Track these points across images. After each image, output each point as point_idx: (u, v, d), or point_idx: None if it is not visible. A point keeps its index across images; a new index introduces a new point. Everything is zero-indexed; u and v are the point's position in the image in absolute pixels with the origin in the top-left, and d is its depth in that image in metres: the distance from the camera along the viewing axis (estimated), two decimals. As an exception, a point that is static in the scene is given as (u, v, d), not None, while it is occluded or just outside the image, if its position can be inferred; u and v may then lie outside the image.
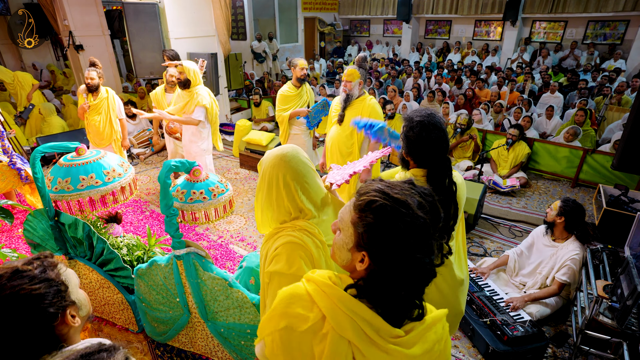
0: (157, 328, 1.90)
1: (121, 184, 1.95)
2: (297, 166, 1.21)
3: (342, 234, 0.81)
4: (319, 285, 0.80)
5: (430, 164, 1.48)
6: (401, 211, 0.71)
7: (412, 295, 0.76)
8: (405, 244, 0.71)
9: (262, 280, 1.28)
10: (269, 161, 1.22)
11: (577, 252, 2.50)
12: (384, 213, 0.71)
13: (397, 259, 0.71)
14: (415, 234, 0.71)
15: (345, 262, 0.81)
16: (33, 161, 1.72)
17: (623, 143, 2.74)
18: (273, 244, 1.22)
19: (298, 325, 0.78)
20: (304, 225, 1.21)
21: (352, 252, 0.79)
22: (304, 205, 1.22)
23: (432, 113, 1.50)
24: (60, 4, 6.49)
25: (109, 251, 1.86)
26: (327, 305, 0.77)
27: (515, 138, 4.36)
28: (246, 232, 3.68)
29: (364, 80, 2.89)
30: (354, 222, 0.77)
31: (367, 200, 0.74)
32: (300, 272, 1.16)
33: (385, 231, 0.71)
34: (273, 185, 1.20)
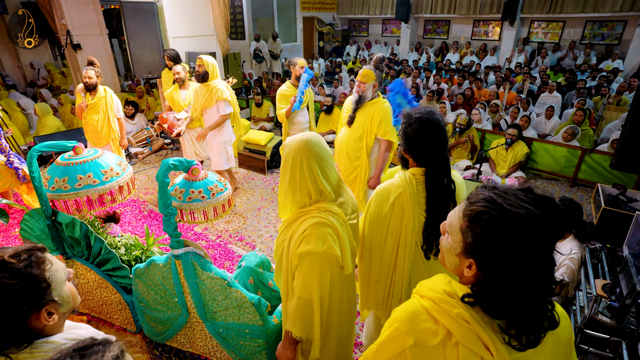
0: (156, 328, 1.89)
1: (119, 183, 1.94)
2: (319, 151, 1.29)
3: (451, 238, 0.80)
4: (435, 301, 0.78)
5: (428, 162, 1.48)
6: (513, 225, 0.68)
7: (533, 306, 0.72)
8: (516, 257, 0.68)
9: (287, 265, 1.33)
10: (294, 145, 1.29)
11: (576, 252, 2.50)
12: (493, 226, 0.69)
13: (507, 270, 0.69)
14: (527, 247, 0.68)
15: (453, 266, 0.81)
16: (30, 160, 1.71)
17: (621, 143, 2.75)
18: (299, 227, 1.29)
19: (428, 340, 0.75)
20: (327, 206, 1.29)
21: (460, 258, 0.79)
22: (325, 187, 1.30)
23: (431, 110, 1.50)
24: (58, 3, 6.45)
25: (106, 251, 1.85)
26: (449, 322, 0.74)
27: (515, 138, 4.37)
28: (245, 232, 3.67)
29: (379, 82, 2.75)
30: (462, 229, 0.76)
31: (477, 211, 0.72)
32: (331, 250, 1.24)
33: (495, 244, 0.69)
34: (297, 167, 1.27)
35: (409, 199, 1.48)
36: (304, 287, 1.25)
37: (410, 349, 0.76)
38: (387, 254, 1.54)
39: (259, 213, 4.01)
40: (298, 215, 1.31)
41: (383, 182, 1.64)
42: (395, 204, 1.51)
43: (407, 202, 1.49)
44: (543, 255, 0.69)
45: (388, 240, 1.54)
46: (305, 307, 1.27)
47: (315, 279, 1.24)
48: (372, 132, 2.80)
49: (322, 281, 1.25)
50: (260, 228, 3.73)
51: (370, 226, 1.57)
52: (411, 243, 1.50)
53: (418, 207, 1.49)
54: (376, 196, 1.57)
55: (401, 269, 1.53)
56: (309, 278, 1.24)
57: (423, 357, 0.76)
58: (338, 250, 1.26)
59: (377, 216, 1.55)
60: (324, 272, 1.24)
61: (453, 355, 0.74)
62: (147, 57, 5.05)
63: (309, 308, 1.26)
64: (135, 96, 7.41)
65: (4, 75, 8.22)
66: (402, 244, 1.51)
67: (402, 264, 1.52)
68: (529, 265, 0.69)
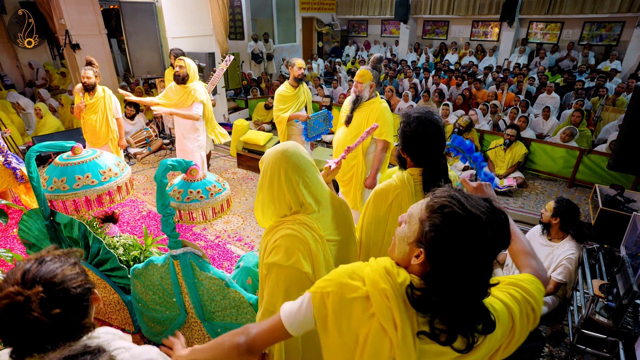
0: (154, 328, 1.89)
1: (117, 184, 1.94)
2: (298, 161, 1.23)
3: (407, 226, 0.84)
4: (372, 270, 0.83)
5: (426, 162, 1.48)
6: (469, 223, 0.73)
7: (469, 305, 0.76)
8: (464, 253, 0.73)
9: (260, 272, 1.30)
10: (271, 157, 1.24)
11: (573, 252, 2.51)
12: (452, 219, 0.74)
13: (453, 264, 0.74)
14: (476, 246, 0.73)
15: (402, 255, 0.85)
16: (28, 160, 1.71)
17: (618, 144, 2.76)
18: (273, 236, 1.24)
19: (346, 292, 0.82)
20: (304, 219, 1.23)
21: (411, 247, 0.82)
22: (305, 199, 1.24)
23: (430, 110, 1.51)
24: (57, 3, 6.44)
25: (105, 251, 1.85)
26: (373, 292, 0.80)
27: (513, 138, 4.38)
28: (243, 232, 3.68)
29: (376, 82, 2.77)
30: (421, 219, 0.80)
31: (440, 203, 0.77)
32: (298, 264, 1.18)
33: (449, 236, 0.74)
34: (275, 180, 1.22)
35: (407, 199, 1.49)
36: (270, 299, 1.22)
37: (331, 295, 0.83)
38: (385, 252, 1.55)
39: (257, 213, 4.02)
40: (276, 224, 1.26)
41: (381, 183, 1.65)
42: (394, 204, 1.51)
43: (405, 202, 1.49)
44: (486, 259, 0.75)
45: (386, 240, 1.55)
46: None
47: (280, 292, 1.19)
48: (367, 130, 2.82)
49: (288, 296, 1.18)
50: (259, 228, 3.73)
51: (369, 226, 1.58)
52: None
53: None
54: (374, 196, 1.58)
55: None
56: (275, 291, 1.21)
57: (340, 306, 0.82)
58: (307, 267, 1.19)
59: (375, 216, 1.56)
60: (291, 287, 1.19)
61: (367, 326, 0.80)
62: (146, 58, 5.05)
63: None
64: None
65: (2, 75, 8.20)
66: None
67: None
68: (473, 264, 0.74)
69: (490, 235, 0.73)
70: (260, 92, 7.55)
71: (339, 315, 0.82)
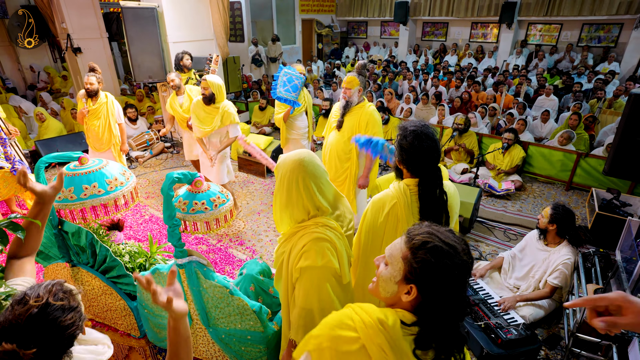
0: (159, 334, 1.94)
1: (123, 193, 1.99)
2: (314, 170, 1.33)
3: (391, 267, 0.91)
4: (366, 324, 0.85)
5: (422, 173, 1.53)
6: (450, 252, 0.83)
7: (456, 327, 0.85)
8: (452, 279, 0.82)
9: (287, 277, 1.40)
10: (288, 166, 1.32)
11: (569, 257, 2.56)
12: (436, 252, 0.83)
13: (444, 291, 0.82)
14: (459, 272, 0.83)
15: (390, 294, 0.91)
16: (37, 172, 1.75)
17: (613, 150, 2.80)
18: (298, 241, 1.34)
19: (343, 346, 0.84)
20: (325, 221, 1.34)
21: (400, 285, 0.88)
22: (322, 203, 1.35)
23: (425, 124, 1.56)
24: (58, 7, 6.49)
25: (111, 259, 1.90)
26: (370, 345, 0.83)
27: (511, 142, 4.43)
28: (245, 236, 3.72)
29: (363, 87, 2.92)
30: (405, 257, 0.87)
31: (422, 240, 0.85)
32: (330, 264, 1.30)
33: (437, 267, 0.82)
34: (293, 187, 1.31)
35: (403, 209, 1.54)
36: (305, 299, 1.32)
37: (328, 349, 0.85)
38: None
39: (258, 217, 4.07)
40: (297, 229, 1.36)
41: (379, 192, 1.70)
42: (390, 214, 1.57)
43: (401, 212, 1.54)
44: (465, 282, 0.85)
45: (384, 248, 1.60)
46: (307, 318, 1.32)
47: (315, 291, 1.30)
48: (360, 134, 2.89)
49: (321, 293, 1.31)
50: (260, 232, 3.78)
51: (367, 235, 1.63)
52: None
53: (412, 217, 1.55)
54: (372, 206, 1.63)
55: None
56: (310, 291, 1.31)
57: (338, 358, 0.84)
58: (336, 263, 1.32)
59: (372, 225, 1.61)
60: (323, 284, 1.31)
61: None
62: (148, 62, 5.09)
63: (310, 318, 1.32)
64: (135, 99, 7.47)
65: (4, 78, 8.25)
66: None
67: None
68: (459, 288, 0.84)
69: (466, 260, 0.84)
70: (261, 95, 7.60)
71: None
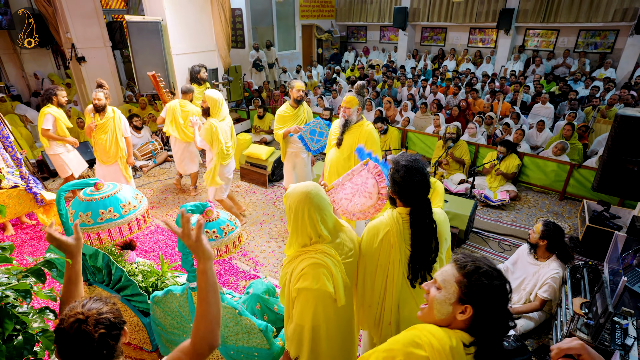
0: (170, 348, 2.07)
1: (136, 216, 2.12)
2: (319, 202, 1.51)
3: (444, 291, 1.06)
4: (437, 351, 1.00)
5: (412, 204, 1.67)
6: (498, 275, 1.01)
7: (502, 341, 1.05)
8: (501, 297, 1.00)
9: (288, 295, 1.58)
10: (296, 197, 1.50)
11: (558, 271, 2.69)
12: (488, 275, 1.00)
13: (495, 308, 0.99)
14: (505, 291, 1.01)
15: (444, 315, 1.05)
16: (58, 199, 1.88)
17: (601, 167, 2.93)
18: (299, 264, 1.52)
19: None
20: (324, 248, 1.52)
21: (454, 306, 1.03)
22: (323, 232, 1.52)
23: (416, 158, 1.69)
24: (63, 17, 6.61)
25: (126, 279, 2.03)
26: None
27: (504, 154, 4.56)
28: (248, 247, 3.85)
29: (362, 106, 3.06)
30: (459, 281, 1.03)
31: (474, 266, 1.02)
32: (324, 287, 1.47)
33: (489, 288, 0.99)
34: (299, 216, 1.50)
35: (396, 236, 1.67)
36: (300, 316, 1.51)
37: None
38: (378, 283, 1.73)
39: (261, 227, 4.19)
40: (299, 253, 1.54)
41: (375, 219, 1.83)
42: (384, 241, 1.70)
43: (394, 239, 1.68)
44: (508, 299, 1.02)
45: (378, 271, 1.73)
46: (300, 332, 1.53)
47: (310, 310, 1.48)
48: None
49: (315, 312, 1.49)
50: (263, 243, 3.91)
51: (363, 259, 1.77)
52: (398, 274, 1.69)
53: (404, 243, 1.68)
54: (367, 232, 1.76)
55: (390, 296, 1.72)
56: (305, 309, 1.49)
57: None
58: (331, 287, 1.48)
59: (368, 250, 1.74)
60: (318, 305, 1.49)
61: None
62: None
63: (302, 333, 1.53)
64: (138, 107, 7.59)
65: (8, 86, 8.36)
66: (391, 274, 1.70)
67: (391, 292, 1.71)
68: (504, 304, 1.01)
69: (507, 280, 1.03)
70: (262, 102, 7.72)
71: None
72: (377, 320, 1.80)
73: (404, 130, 5.84)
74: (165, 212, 4.56)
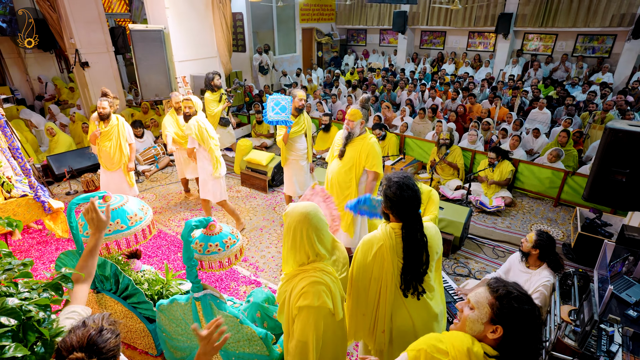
0: (175, 354, 2.17)
1: (142, 227, 2.22)
2: (317, 223, 1.58)
3: (477, 311, 1.16)
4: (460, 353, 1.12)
5: (404, 219, 1.76)
6: (528, 299, 1.12)
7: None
8: (530, 321, 1.09)
9: (288, 312, 1.66)
10: (296, 217, 1.58)
11: (549, 279, 2.78)
12: (519, 300, 1.10)
13: (524, 330, 1.08)
14: (535, 315, 1.10)
15: (476, 333, 1.16)
16: (69, 212, 1.98)
17: (591, 178, 3.01)
18: (298, 283, 1.60)
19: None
20: (322, 266, 1.60)
21: (486, 325, 1.13)
22: (320, 251, 1.61)
23: (408, 176, 1.79)
24: (67, 23, 6.72)
25: (133, 288, 2.13)
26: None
27: (495, 161, 4.65)
28: (248, 253, 3.95)
29: (365, 120, 3.09)
30: (491, 304, 1.13)
31: (505, 290, 1.12)
32: (325, 304, 1.55)
33: (520, 311, 1.09)
34: (297, 236, 1.57)
35: (389, 250, 1.77)
36: (302, 332, 1.57)
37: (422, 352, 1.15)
38: (372, 294, 1.83)
39: (261, 233, 4.29)
40: (297, 272, 1.61)
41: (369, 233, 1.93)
42: (377, 254, 1.80)
43: (387, 252, 1.77)
44: (540, 324, 1.13)
45: (372, 283, 1.83)
46: (302, 348, 1.59)
47: (311, 327, 1.55)
48: (361, 164, 3.11)
49: (316, 328, 1.55)
50: (263, 249, 4.01)
51: (357, 271, 1.87)
52: (391, 285, 1.79)
53: (397, 256, 1.77)
54: (362, 246, 1.86)
55: (383, 306, 1.82)
56: (306, 326, 1.56)
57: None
58: (330, 303, 1.56)
59: (362, 263, 1.84)
60: (319, 322, 1.55)
61: None
62: (154, 81, 5.32)
63: (305, 349, 1.58)
64: (140, 111, 7.70)
65: (13, 89, 8.47)
66: (384, 286, 1.80)
67: (384, 302, 1.81)
68: (535, 328, 1.10)
69: (537, 306, 1.13)
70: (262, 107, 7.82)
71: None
72: (371, 329, 1.90)
73: (402, 136, 5.93)
74: (167, 217, 4.66)
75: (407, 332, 1.87)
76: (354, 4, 12.04)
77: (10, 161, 3.07)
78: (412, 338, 1.89)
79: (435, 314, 1.92)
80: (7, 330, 0.97)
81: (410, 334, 1.87)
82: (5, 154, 3.01)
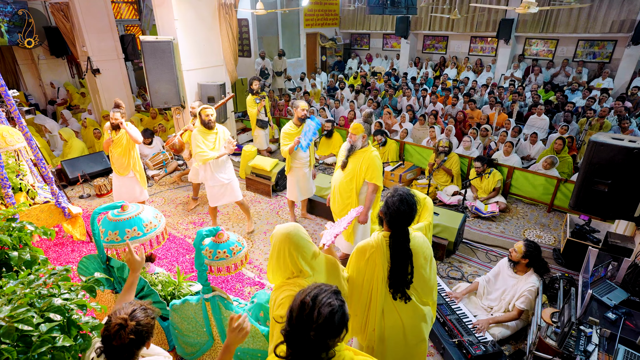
0: (186, 349, 2.39)
1: (157, 233, 2.44)
2: (298, 241, 1.73)
3: None
4: None
5: (394, 229, 1.96)
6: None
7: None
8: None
9: (271, 318, 1.79)
10: (279, 237, 1.74)
11: (534, 284, 2.97)
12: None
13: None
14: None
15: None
16: (92, 221, 2.20)
17: (577, 188, 3.18)
18: (280, 294, 1.75)
19: None
20: (302, 282, 1.73)
21: None
22: (303, 267, 1.75)
23: (412, 194, 1.98)
24: (80, 32, 7.01)
25: (148, 289, 2.35)
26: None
27: (480, 170, 4.81)
28: (253, 255, 4.16)
29: (367, 134, 3.29)
30: None
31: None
32: None
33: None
34: (281, 254, 1.73)
35: (380, 256, 1.97)
36: (278, 337, 1.67)
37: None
38: (364, 295, 2.04)
39: (265, 237, 4.51)
40: (282, 284, 1.75)
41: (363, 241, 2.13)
42: (369, 260, 2.00)
43: (378, 258, 1.98)
44: None
45: (364, 285, 2.04)
46: None
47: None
48: (361, 176, 3.31)
49: None
50: (267, 251, 4.22)
51: (352, 274, 2.07)
52: (382, 287, 1.99)
53: (386, 262, 1.98)
54: (356, 252, 2.07)
55: (374, 306, 2.03)
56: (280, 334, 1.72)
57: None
58: None
59: (357, 268, 2.05)
60: None
61: None
62: (164, 90, 5.55)
63: None
64: (149, 116, 7.96)
65: (26, 95, 8.79)
66: (375, 288, 2.01)
67: (375, 303, 2.02)
68: None
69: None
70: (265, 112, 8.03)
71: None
72: (363, 327, 2.11)
73: (401, 143, 6.11)
74: (176, 220, 4.90)
75: (397, 331, 2.08)
76: (358, 10, 12.22)
77: (33, 170, 3.31)
78: (402, 336, 2.10)
79: (422, 314, 2.11)
80: (56, 324, 1.19)
81: (400, 332, 2.08)
82: (28, 163, 3.25)
